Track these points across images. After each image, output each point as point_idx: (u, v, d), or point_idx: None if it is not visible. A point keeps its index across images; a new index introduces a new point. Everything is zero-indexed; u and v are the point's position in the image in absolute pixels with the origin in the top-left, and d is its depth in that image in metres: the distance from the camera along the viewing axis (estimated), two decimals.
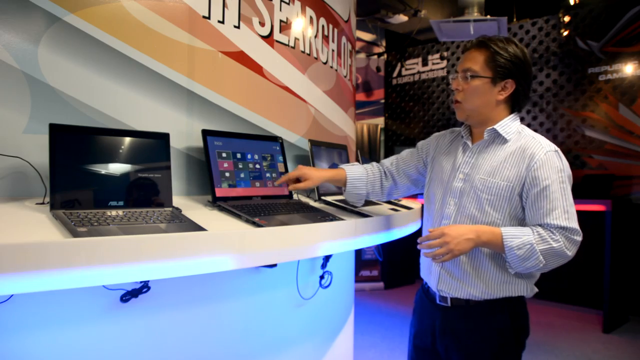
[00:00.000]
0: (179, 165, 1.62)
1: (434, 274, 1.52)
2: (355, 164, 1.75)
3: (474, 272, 1.44)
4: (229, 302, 1.75)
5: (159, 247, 1.08)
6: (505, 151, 1.44)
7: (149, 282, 1.41)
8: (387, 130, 6.68)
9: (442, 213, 1.52)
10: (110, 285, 1.33)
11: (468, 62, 1.45)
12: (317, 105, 2.27)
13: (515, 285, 1.43)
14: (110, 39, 1.44)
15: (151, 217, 1.24)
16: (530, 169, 1.38)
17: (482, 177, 1.44)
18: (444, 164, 1.58)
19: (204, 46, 1.68)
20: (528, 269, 1.37)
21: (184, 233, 1.15)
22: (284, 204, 1.68)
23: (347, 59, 2.68)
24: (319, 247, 1.50)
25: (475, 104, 1.46)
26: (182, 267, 1.13)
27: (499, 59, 1.41)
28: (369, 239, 1.73)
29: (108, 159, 1.31)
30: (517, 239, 1.34)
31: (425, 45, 6.34)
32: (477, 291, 1.44)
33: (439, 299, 1.51)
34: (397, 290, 5.46)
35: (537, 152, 1.38)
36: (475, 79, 1.43)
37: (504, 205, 1.41)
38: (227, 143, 1.66)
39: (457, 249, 1.34)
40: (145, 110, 1.53)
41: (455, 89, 1.48)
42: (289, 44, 2.07)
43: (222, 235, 1.22)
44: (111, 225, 1.12)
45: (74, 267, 0.95)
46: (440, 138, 1.67)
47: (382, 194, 1.72)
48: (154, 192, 1.38)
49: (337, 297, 2.43)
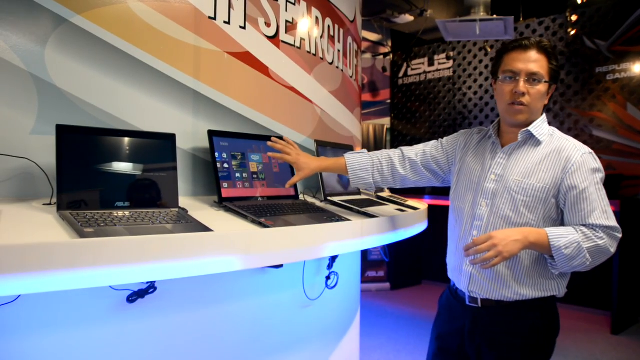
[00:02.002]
0: (185, 165, 1.62)
1: (465, 274, 1.51)
2: (362, 151, 1.73)
3: (509, 274, 1.44)
4: (235, 303, 1.75)
5: (166, 248, 1.08)
6: (539, 153, 1.44)
7: (155, 282, 1.41)
8: (393, 130, 6.67)
9: (474, 214, 1.50)
10: (116, 285, 1.34)
11: (534, 65, 1.42)
12: (323, 105, 2.27)
13: (549, 286, 1.44)
14: (116, 40, 1.44)
15: (157, 217, 1.24)
16: (567, 172, 1.39)
17: (517, 178, 1.43)
18: (473, 165, 1.57)
19: (210, 47, 1.68)
20: (574, 267, 1.36)
21: (190, 234, 1.15)
22: (290, 205, 1.67)
23: (353, 59, 2.68)
24: (325, 247, 1.50)
25: (537, 107, 1.46)
26: (189, 267, 1.13)
27: (554, 64, 1.45)
28: (375, 239, 1.73)
29: (114, 160, 1.31)
30: (564, 238, 1.34)
31: (432, 45, 6.32)
32: (510, 292, 1.44)
33: (468, 299, 1.50)
34: (404, 291, 5.44)
35: (573, 155, 1.40)
36: (541, 84, 1.43)
37: (539, 207, 1.41)
38: (233, 143, 1.66)
39: (506, 251, 1.32)
40: (151, 111, 1.53)
41: (518, 92, 1.43)
42: (295, 45, 2.06)
43: (228, 236, 1.22)
44: (118, 226, 1.12)
45: (80, 268, 0.95)
46: (468, 137, 1.65)
47: (393, 182, 1.70)
48: (160, 192, 1.38)
49: (343, 298, 2.43)
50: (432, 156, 1.68)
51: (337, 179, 2.12)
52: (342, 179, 2.16)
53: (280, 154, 1.63)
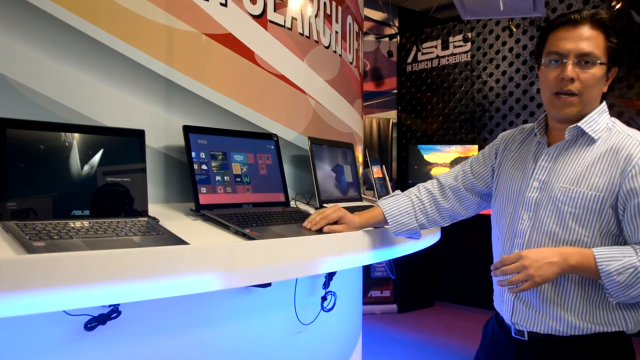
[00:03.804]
0: (157, 167, 1.61)
1: (507, 303, 1.48)
2: (395, 194, 1.69)
3: (557, 301, 1.38)
4: (215, 329, 1.74)
5: (132, 265, 1.07)
6: (592, 153, 1.37)
7: (119, 306, 1.40)
8: (401, 125, 6.69)
9: (515, 230, 1.47)
10: (72, 310, 1.32)
11: (586, 44, 1.34)
12: (318, 96, 2.27)
13: (612, 318, 1.36)
14: (72, 17, 1.43)
15: (123, 228, 1.24)
16: (627, 175, 1.30)
17: (564, 185, 1.38)
18: (513, 171, 1.53)
19: (185, 27, 1.68)
20: (634, 298, 1.29)
21: (161, 247, 1.14)
22: (279, 213, 1.67)
23: (354, 42, 2.68)
24: (320, 263, 1.50)
25: (592, 96, 1.38)
26: (159, 287, 1.12)
27: (613, 41, 1.35)
28: (379, 253, 1.73)
29: (71, 161, 1.30)
30: (616, 261, 1.27)
31: (446, 25, 6.35)
32: (561, 325, 1.38)
33: (514, 331, 1.47)
34: (413, 314, 5.44)
35: (635, 153, 1.31)
36: (596, 66, 1.35)
37: (593, 220, 1.34)
38: (213, 141, 1.66)
39: (539, 275, 1.28)
40: (115, 103, 1.53)
41: (569, 78, 1.35)
42: (285, 25, 2.06)
43: (206, 250, 1.21)
44: (74, 239, 1.11)
45: (28, 290, 0.94)
46: (509, 139, 1.61)
47: (442, 220, 1.66)
48: (127, 199, 1.37)
49: (341, 322, 2.42)
50: (475, 173, 1.63)
51: (334, 182, 2.12)
52: (340, 182, 2.15)
53: (320, 216, 1.57)
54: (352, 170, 2.30)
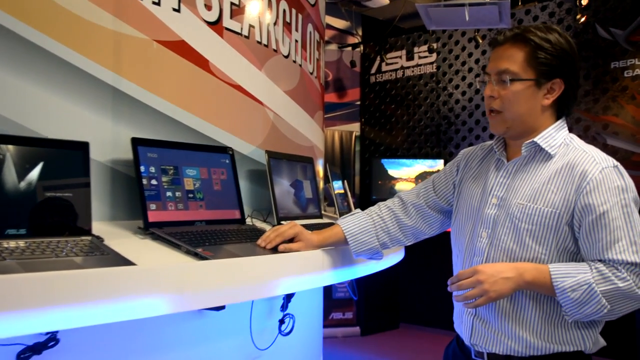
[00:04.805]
0: (102, 182, 1.60)
1: (466, 323, 1.51)
2: (356, 212, 1.70)
3: (514, 318, 1.41)
4: (164, 356, 1.72)
5: (72, 288, 1.05)
6: (549, 169, 1.42)
7: (57, 333, 1.37)
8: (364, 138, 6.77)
9: (474, 248, 1.50)
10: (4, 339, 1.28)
11: (504, 61, 1.43)
12: (276, 108, 2.29)
13: (571, 337, 1.39)
14: (10, 20, 1.41)
15: (63, 248, 1.22)
16: (582, 192, 1.35)
17: (521, 202, 1.42)
18: (473, 188, 1.57)
19: (135, 33, 1.67)
20: (588, 315, 1.32)
21: (106, 269, 1.13)
22: (234, 231, 1.67)
23: (315, 52, 2.71)
24: (278, 284, 1.50)
25: (518, 112, 1.43)
26: (103, 312, 1.11)
27: (541, 54, 1.40)
28: (340, 273, 1.74)
29: (5, 176, 1.27)
30: (570, 277, 1.31)
31: (411, 35, 6.48)
32: (519, 345, 1.41)
33: (474, 353, 1.50)
34: (377, 337, 5.47)
35: (590, 170, 1.36)
36: (516, 83, 1.41)
37: (549, 237, 1.38)
38: (164, 155, 1.65)
39: (494, 290, 1.32)
40: (57, 113, 1.51)
41: (489, 96, 1.45)
42: (242, 33, 2.08)
43: (155, 271, 1.21)
44: (7, 260, 1.09)
45: None
46: (470, 156, 1.66)
47: (405, 238, 1.68)
48: (68, 216, 1.35)
49: (301, 346, 2.42)
50: (437, 190, 1.67)
51: (293, 199, 2.13)
52: (299, 199, 2.17)
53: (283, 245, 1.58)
54: (312, 185, 2.32)
